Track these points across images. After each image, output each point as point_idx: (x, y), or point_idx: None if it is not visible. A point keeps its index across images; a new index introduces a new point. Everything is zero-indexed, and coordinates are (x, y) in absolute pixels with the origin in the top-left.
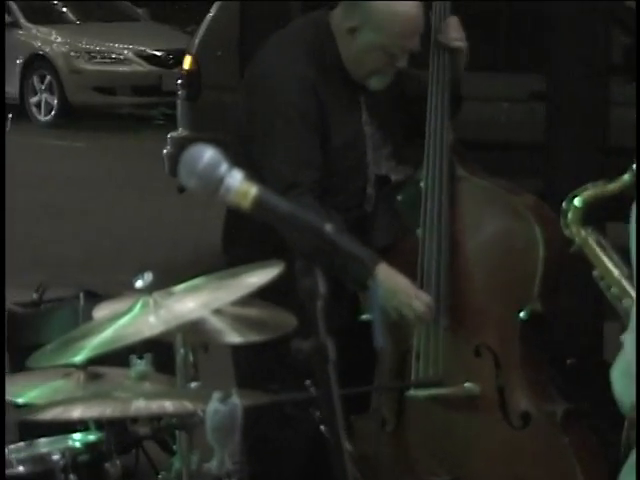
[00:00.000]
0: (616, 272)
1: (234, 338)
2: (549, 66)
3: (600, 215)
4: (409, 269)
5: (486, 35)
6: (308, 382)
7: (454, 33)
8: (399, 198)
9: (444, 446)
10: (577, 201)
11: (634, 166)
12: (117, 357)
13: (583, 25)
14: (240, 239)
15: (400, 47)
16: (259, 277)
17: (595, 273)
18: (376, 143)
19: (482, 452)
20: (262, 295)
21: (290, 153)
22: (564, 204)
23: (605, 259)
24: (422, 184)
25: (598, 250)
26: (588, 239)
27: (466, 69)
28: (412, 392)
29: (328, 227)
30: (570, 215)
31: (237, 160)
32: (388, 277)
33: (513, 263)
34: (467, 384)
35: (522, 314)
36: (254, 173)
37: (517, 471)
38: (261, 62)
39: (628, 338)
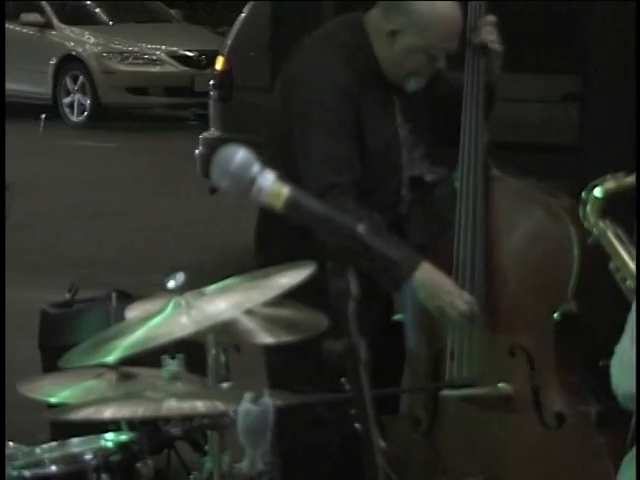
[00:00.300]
0: (632, 265)
1: (266, 338)
2: (584, 67)
3: (627, 208)
4: (444, 269)
5: (519, 36)
6: (343, 380)
7: (489, 35)
8: (434, 198)
9: (477, 446)
10: (597, 191)
11: None
12: (149, 357)
13: (614, 29)
14: (272, 240)
15: (441, 49)
16: (291, 278)
17: (611, 265)
18: (410, 144)
19: (516, 452)
20: (294, 296)
21: (328, 155)
22: (583, 194)
23: (622, 251)
24: (457, 184)
25: (616, 242)
26: (606, 231)
27: (502, 71)
28: (446, 392)
29: (361, 228)
30: (589, 206)
31: (272, 160)
32: (430, 276)
33: (548, 264)
34: (501, 384)
35: (556, 314)
36: (289, 173)
37: (550, 472)
38: (298, 64)
39: (627, 329)
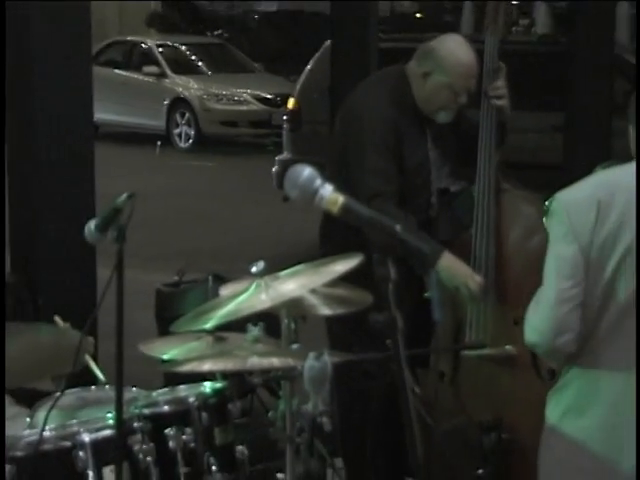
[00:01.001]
0: None
1: (325, 311)
2: (568, 105)
3: None
4: (464, 258)
5: (520, 83)
6: (387, 342)
7: (500, 92)
8: (457, 204)
9: (489, 393)
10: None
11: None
12: (237, 325)
13: (593, 75)
14: (331, 237)
15: (462, 86)
16: (344, 265)
17: None
18: (438, 164)
19: (518, 398)
20: (348, 279)
21: (377, 170)
22: (546, 204)
23: None
24: (475, 194)
25: None
26: None
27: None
28: (465, 352)
29: (398, 227)
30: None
31: (334, 177)
32: (451, 263)
33: (544, 253)
34: (507, 346)
35: None
36: (347, 187)
37: (543, 413)
38: (354, 102)
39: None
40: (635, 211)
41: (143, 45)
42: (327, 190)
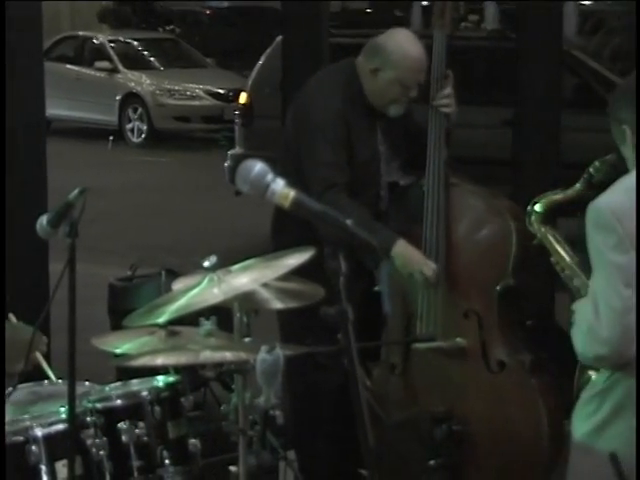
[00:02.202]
0: (568, 259)
1: (277, 304)
2: (517, 100)
3: (555, 213)
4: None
5: (469, 78)
6: (339, 335)
7: (446, 100)
8: (407, 198)
9: (440, 385)
10: (537, 206)
11: (584, 176)
12: (190, 319)
13: (541, 70)
14: (283, 230)
15: (412, 80)
16: (296, 259)
17: (552, 259)
18: (388, 158)
19: (468, 390)
20: (299, 272)
21: (329, 162)
22: (528, 208)
23: (560, 249)
24: (424, 188)
25: (554, 242)
26: (547, 234)
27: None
28: (416, 344)
29: (349, 222)
30: (533, 216)
31: (287, 171)
32: (405, 250)
33: (493, 248)
34: (458, 339)
35: (499, 287)
36: (300, 180)
37: (494, 405)
38: (306, 96)
39: (580, 306)
40: None
41: (95, 40)
42: (278, 185)
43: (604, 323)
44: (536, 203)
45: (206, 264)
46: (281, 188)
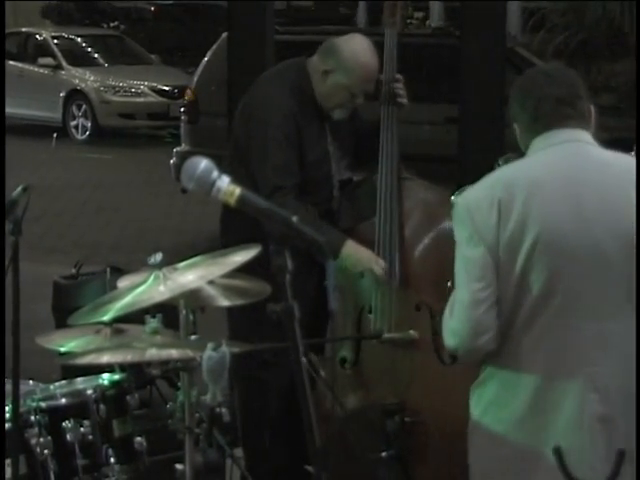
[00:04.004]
0: None
1: (223, 302)
2: (461, 97)
3: None
4: (367, 245)
5: (414, 76)
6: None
7: (400, 91)
8: (359, 193)
9: (392, 377)
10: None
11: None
12: (135, 317)
13: (486, 68)
14: (231, 228)
15: (361, 89)
16: (242, 256)
17: None
18: (337, 158)
19: (421, 382)
20: (245, 269)
21: (277, 165)
22: (452, 199)
23: None
24: (377, 183)
25: None
26: None
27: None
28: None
29: (294, 219)
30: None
31: (235, 169)
32: (354, 250)
33: (445, 242)
34: (410, 331)
35: (450, 280)
36: (248, 179)
37: (445, 395)
38: (255, 95)
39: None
40: (539, 203)
41: (38, 37)
42: (224, 182)
43: (454, 316)
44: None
45: (152, 261)
46: (227, 185)
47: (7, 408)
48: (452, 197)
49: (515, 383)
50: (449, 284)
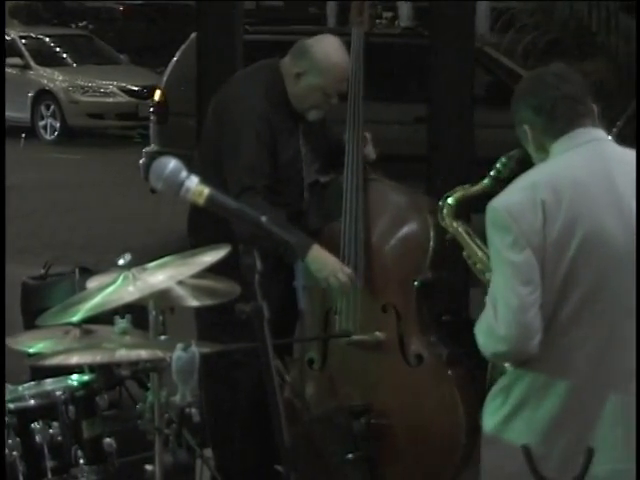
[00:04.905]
0: (480, 253)
1: (193, 302)
2: (430, 97)
3: (467, 208)
4: (334, 246)
5: (382, 75)
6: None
7: (369, 152)
8: (326, 195)
9: (359, 379)
10: (450, 200)
11: (491, 172)
12: (105, 317)
13: (455, 67)
14: (200, 228)
15: (335, 89)
16: (211, 256)
17: (464, 253)
18: (309, 160)
19: (387, 383)
20: (214, 270)
21: (248, 165)
22: (440, 202)
23: (472, 243)
24: (343, 185)
25: (466, 237)
26: (459, 229)
27: (369, 99)
28: (336, 339)
29: (263, 219)
30: (445, 211)
31: (206, 169)
32: (320, 255)
33: (412, 243)
34: (377, 332)
35: (417, 281)
36: (219, 179)
37: (412, 397)
38: (228, 95)
39: (488, 302)
40: (586, 203)
41: (6, 36)
42: (193, 182)
43: (501, 321)
44: (448, 197)
45: (121, 262)
46: (195, 185)
47: None
48: (448, 199)
49: (549, 384)
50: (416, 282)
